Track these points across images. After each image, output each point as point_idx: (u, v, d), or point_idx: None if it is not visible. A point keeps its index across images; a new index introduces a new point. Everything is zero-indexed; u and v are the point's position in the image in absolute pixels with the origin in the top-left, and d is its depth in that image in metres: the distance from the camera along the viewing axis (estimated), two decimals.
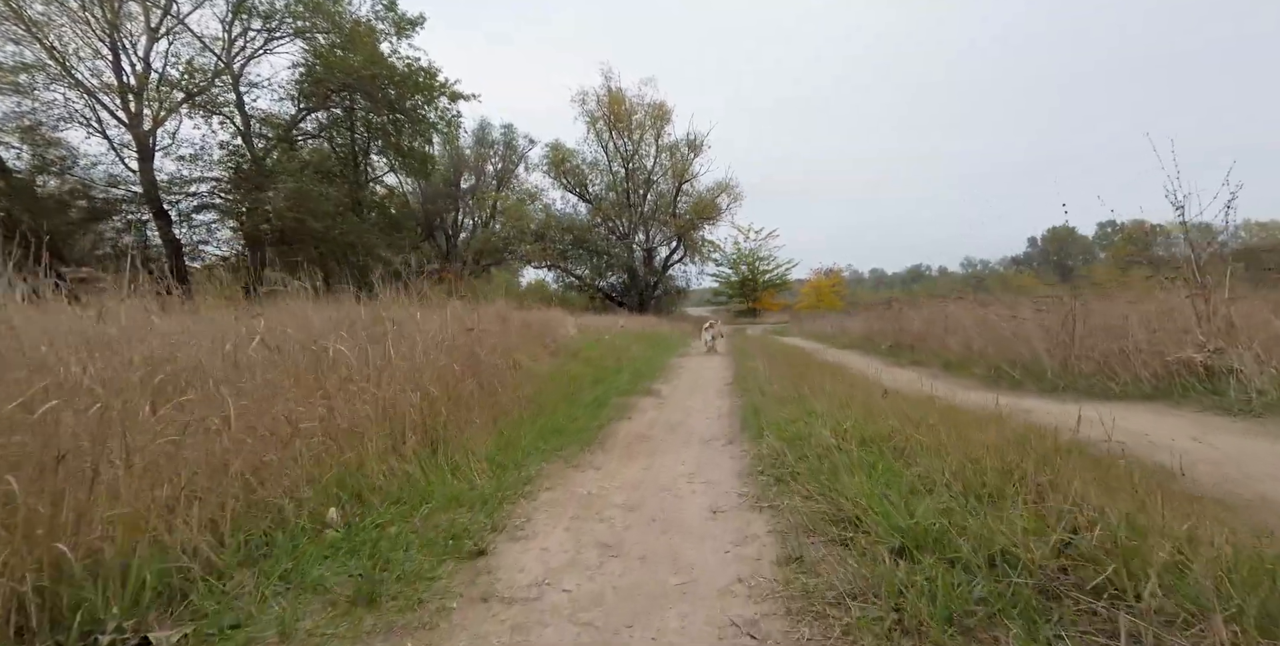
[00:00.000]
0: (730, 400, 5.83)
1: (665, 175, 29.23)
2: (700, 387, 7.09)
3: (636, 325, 16.48)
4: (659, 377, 8.02)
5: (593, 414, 5.03)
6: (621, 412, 5.26)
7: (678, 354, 11.95)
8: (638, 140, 28.88)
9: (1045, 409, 4.34)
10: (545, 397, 5.27)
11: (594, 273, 28.63)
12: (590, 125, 28.59)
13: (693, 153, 28.27)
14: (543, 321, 9.49)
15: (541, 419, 4.50)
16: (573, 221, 27.97)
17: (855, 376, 6.63)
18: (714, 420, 4.90)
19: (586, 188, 29.58)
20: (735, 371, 8.34)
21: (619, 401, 5.75)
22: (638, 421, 4.97)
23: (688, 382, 7.64)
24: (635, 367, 8.60)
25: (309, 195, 19.41)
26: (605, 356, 9.13)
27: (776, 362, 8.76)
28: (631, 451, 3.92)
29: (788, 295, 46.49)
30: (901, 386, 5.17)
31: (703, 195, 28.69)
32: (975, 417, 3.64)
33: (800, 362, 8.83)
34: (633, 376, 7.66)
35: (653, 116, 28.34)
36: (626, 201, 29.03)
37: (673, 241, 29.44)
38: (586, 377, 6.98)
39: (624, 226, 29.07)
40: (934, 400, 4.38)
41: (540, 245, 25.91)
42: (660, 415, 5.25)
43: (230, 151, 20.43)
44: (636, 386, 6.86)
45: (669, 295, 30.67)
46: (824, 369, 7.44)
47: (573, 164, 28.71)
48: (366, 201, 25.64)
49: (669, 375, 8.40)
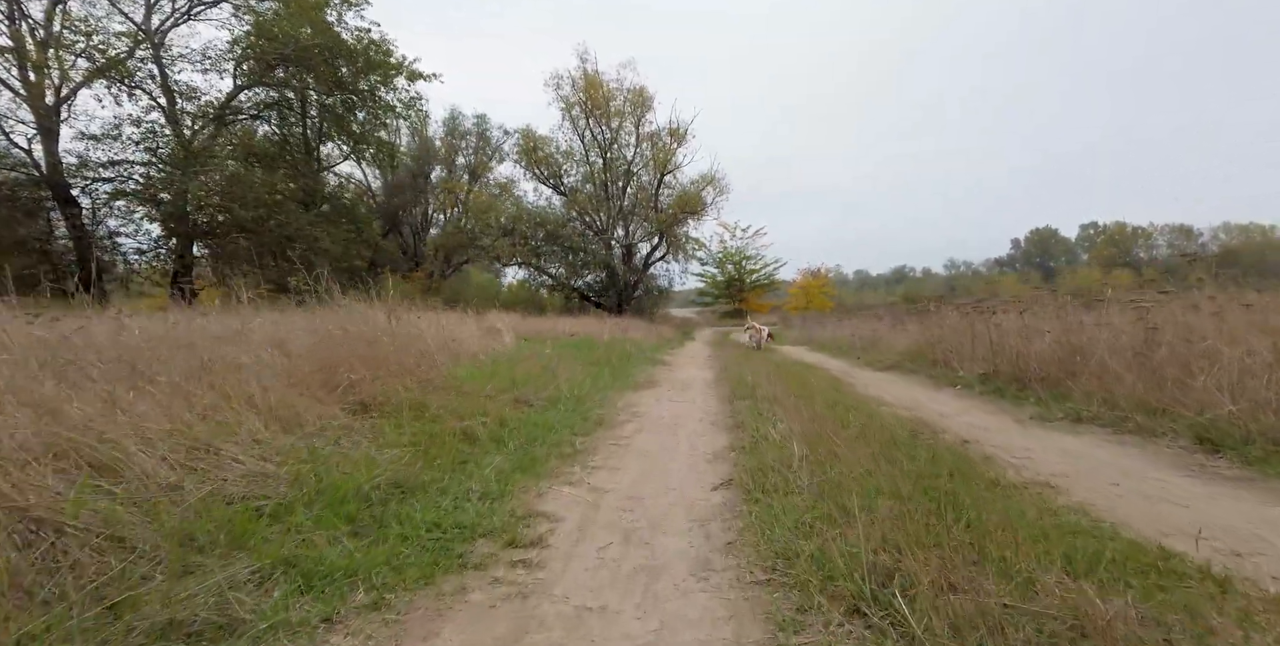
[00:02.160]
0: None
1: (646, 166, 27.16)
2: (647, 530, 2.82)
3: (603, 330, 14.29)
4: (563, 469, 3.78)
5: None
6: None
7: (642, 379, 8.17)
8: (616, 128, 26.78)
9: None
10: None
11: (569, 271, 26.45)
12: (565, 111, 26.45)
13: (675, 142, 26.25)
14: (446, 336, 6.96)
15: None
16: (546, 215, 25.77)
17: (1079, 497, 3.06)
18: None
19: (561, 179, 27.39)
20: (736, 441, 4.44)
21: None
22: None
23: (618, 501, 3.21)
24: (536, 428, 4.52)
25: (237, 180, 17.01)
26: (497, 397, 5.10)
27: (811, 410, 5.07)
28: None
29: (774, 296, 44.78)
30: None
31: (686, 188, 26.69)
32: None
33: (862, 415, 4.99)
34: (502, 473, 3.48)
35: (633, 103, 26.27)
36: (605, 194, 26.90)
37: (654, 237, 27.38)
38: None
39: (602, 221, 26.94)
40: None
41: (509, 240, 23.64)
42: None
43: (149, 131, 17.88)
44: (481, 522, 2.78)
45: (651, 295, 28.59)
46: (949, 452, 3.82)
47: (546, 152, 26.50)
48: (319, 192, 23.18)
49: (594, 454, 4.17)
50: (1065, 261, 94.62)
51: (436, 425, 4.00)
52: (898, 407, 5.78)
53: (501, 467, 3.52)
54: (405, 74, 22.68)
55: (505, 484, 3.28)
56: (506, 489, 3.21)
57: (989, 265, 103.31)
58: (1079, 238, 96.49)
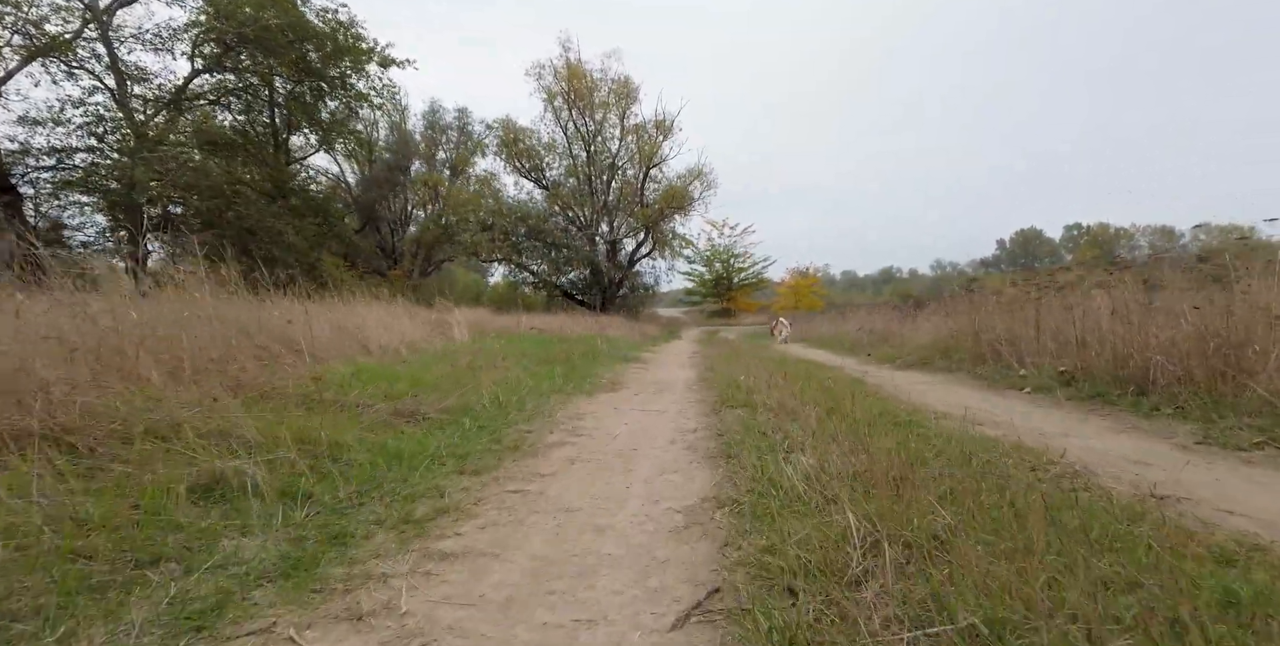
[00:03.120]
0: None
1: (631, 160, 26.26)
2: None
3: (579, 327, 13.27)
4: (368, 573, 1.82)
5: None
6: None
7: (605, 380, 6.71)
8: (600, 120, 25.86)
9: None
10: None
11: (552, 268, 25.45)
12: (547, 102, 25.47)
13: (661, 134, 25.40)
14: (371, 330, 5.94)
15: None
16: (527, 210, 24.75)
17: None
18: None
19: (543, 172, 26.40)
20: (726, 485, 2.66)
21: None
22: None
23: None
24: (393, 462, 2.85)
25: (192, 169, 15.83)
26: (366, 410, 3.63)
27: (845, 428, 3.28)
28: None
29: (762, 296, 44.12)
30: None
31: (673, 182, 25.83)
32: None
33: (928, 439, 3.19)
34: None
35: (617, 94, 25.37)
36: (588, 188, 25.96)
37: (640, 233, 26.48)
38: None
39: (585, 216, 25.98)
40: None
41: (488, 236, 22.60)
42: None
43: (96, 116, 16.61)
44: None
45: (637, 294, 27.67)
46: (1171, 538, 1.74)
47: (527, 144, 25.50)
48: (287, 184, 21.97)
49: (461, 519, 2.30)
50: (1050, 262, 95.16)
51: (149, 473, 2.20)
52: (967, 421, 3.60)
53: (184, 596, 1.59)
54: (378, 60, 21.61)
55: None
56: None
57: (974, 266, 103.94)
58: (1063, 238, 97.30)
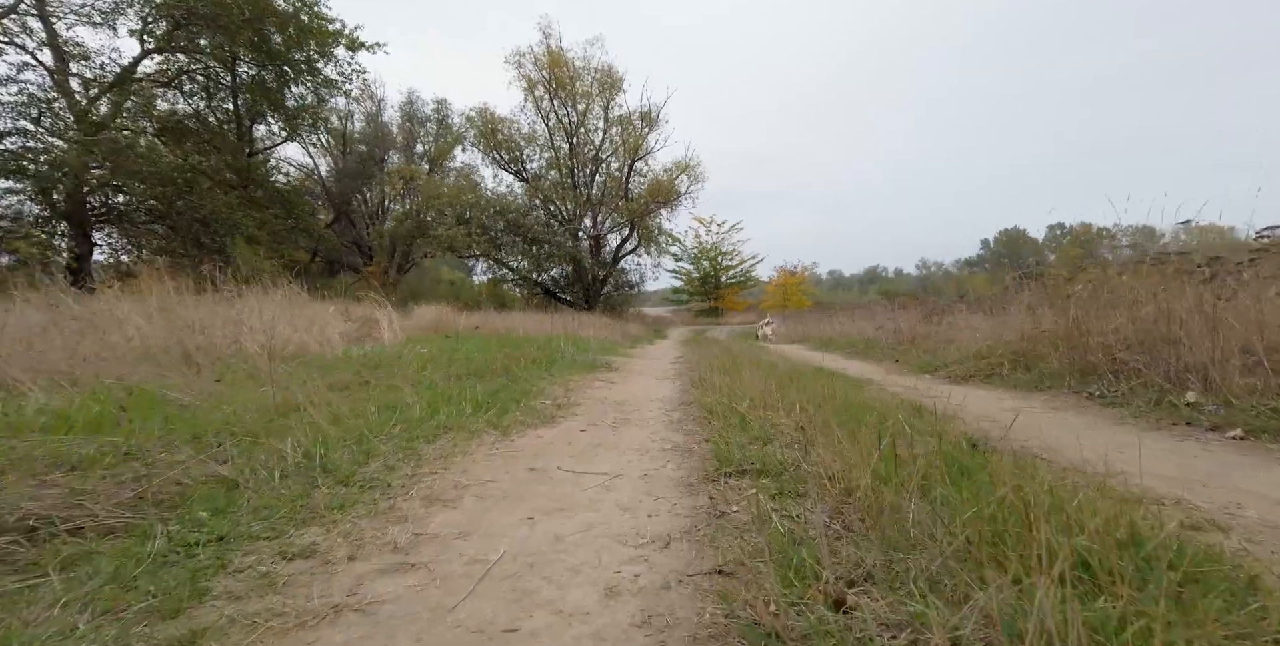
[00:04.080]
0: None
1: (616, 152, 25.24)
2: None
3: (552, 327, 12.12)
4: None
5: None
6: None
7: (545, 401, 4.84)
8: (584, 111, 24.81)
9: None
10: None
11: (532, 264, 24.35)
12: (528, 91, 24.35)
13: (647, 126, 24.39)
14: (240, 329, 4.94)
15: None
16: (506, 203, 23.63)
17: None
18: None
19: (523, 164, 25.28)
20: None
21: None
22: None
23: None
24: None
25: (135, 154, 14.53)
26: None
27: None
28: None
29: (750, 295, 43.38)
30: None
31: (659, 176, 24.84)
32: None
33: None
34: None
35: (601, 83, 24.34)
36: (571, 181, 24.90)
37: (625, 229, 25.47)
38: None
39: (568, 210, 24.92)
40: None
41: (464, 230, 21.45)
42: None
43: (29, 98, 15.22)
44: None
45: (621, 292, 26.67)
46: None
47: (506, 135, 24.36)
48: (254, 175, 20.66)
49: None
50: (1034, 262, 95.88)
51: None
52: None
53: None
54: (346, 43, 20.37)
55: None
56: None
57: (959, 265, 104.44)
58: (1046, 238, 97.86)
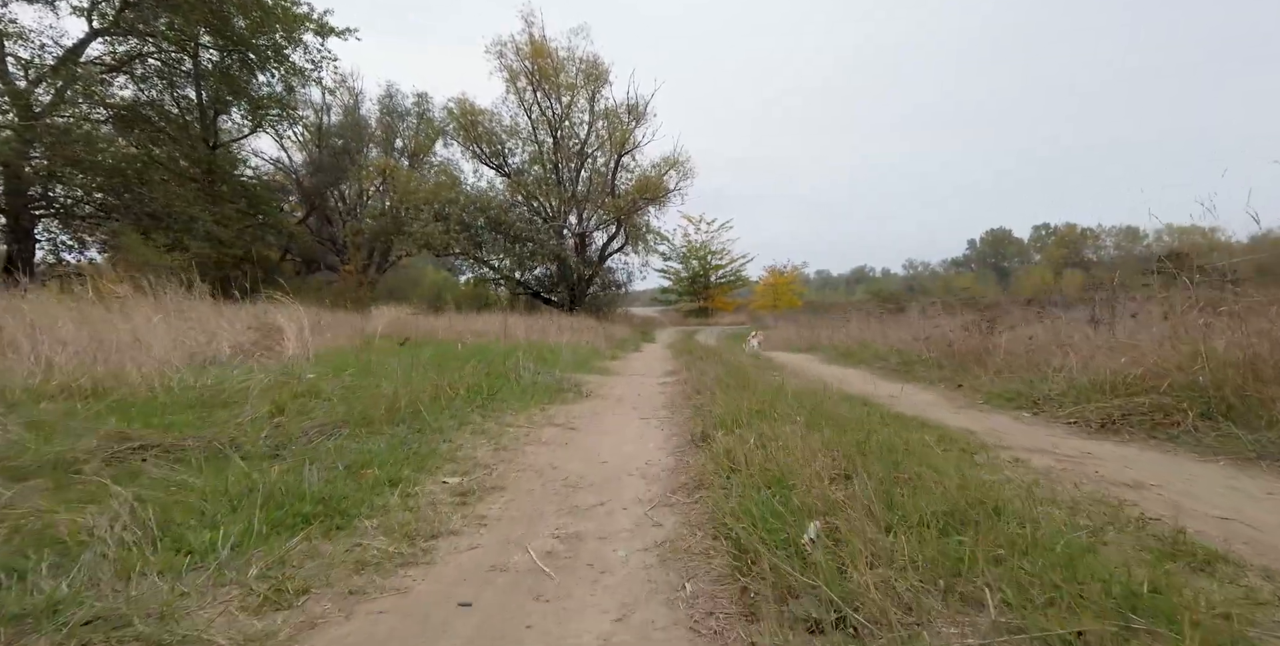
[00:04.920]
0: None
1: (602, 147, 24.29)
2: None
3: (522, 330, 10.95)
4: None
5: None
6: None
7: (399, 516, 2.50)
8: (568, 104, 23.83)
9: None
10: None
11: (514, 262, 23.32)
12: (510, 83, 23.33)
13: (634, 119, 23.49)
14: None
15: None
16: (487, 198, 22.59)
17: None
18: None
19: (505, 158, 24.24)
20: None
21: None
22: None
23: None
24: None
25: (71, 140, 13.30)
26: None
27: None
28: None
29: (739, 295, 42.67)
30: None
31: (646, 171, 23.96)
32: None
33: None
34: None
35: (586, 75, 23.37)
36: (555, 177, 23.90)
37: (611, 226, 24.53)
38: None
39: (552, 207, 23.93)
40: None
41: (442, 226, 20.37)
42: None
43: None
44: None
45: (608, 292, 25.72)
46: None
47: (487, 128, 23.32)
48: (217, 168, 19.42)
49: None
50: (1019, 262, 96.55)
51: None
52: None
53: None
54: (314, 28, 19.21)
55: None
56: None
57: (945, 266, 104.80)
58: (1031, 239, 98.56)
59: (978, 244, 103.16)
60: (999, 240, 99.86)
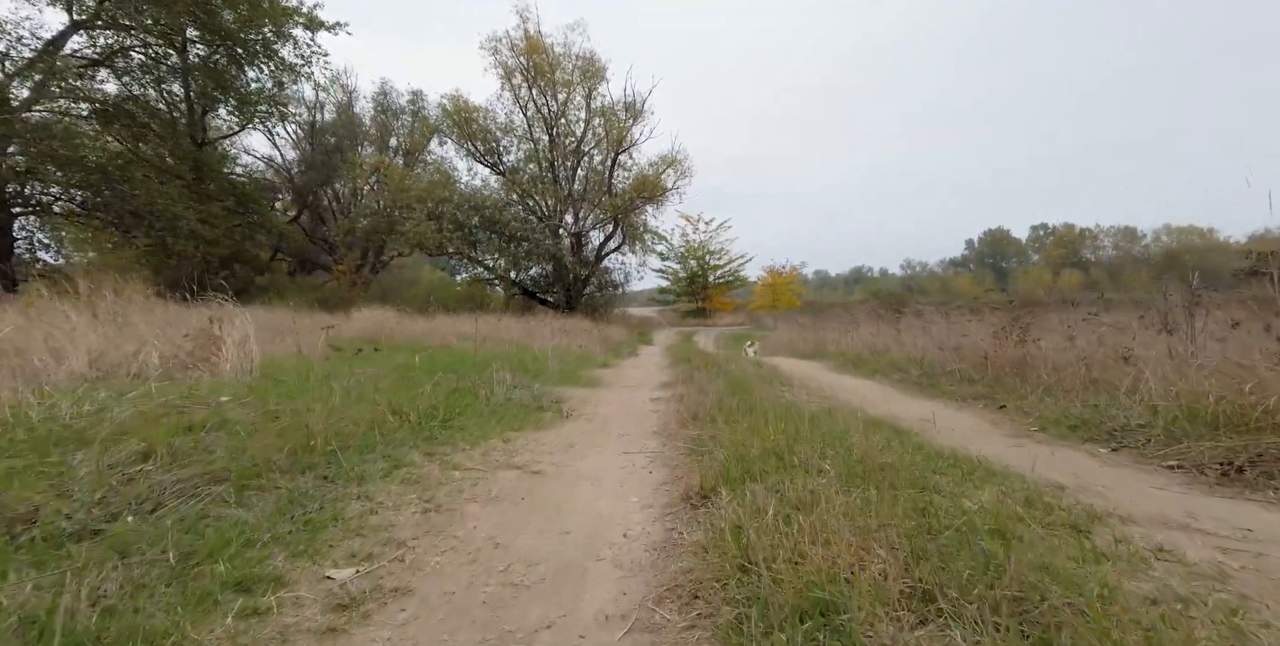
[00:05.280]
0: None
1: (599, 145, 23.89)
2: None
3: (513, 333, 10.34)
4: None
5: None
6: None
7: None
8: (564, 101, 23.42)
9: None
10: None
11: (509, 262, 22.91)
12: (504, 79, 22.90)
13: (631, 117, 23.07)
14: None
15: None
16: (481, 197, 22.17)
17: None
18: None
19: (500, 156, 23.81)
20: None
21: None
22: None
23: None
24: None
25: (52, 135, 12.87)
26: None
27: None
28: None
29: (738, 295, 42.30)
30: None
31: (644, 170, 23.55)
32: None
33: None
34: None
35: (582, 71, 22.96)
36: (551, 175, 23.49)
37: (608, 226, 24.13)
38: None
39: (548, 206, 23.52)
40: None
41: (435, 225, 19.96)
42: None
43: None
44: None
45: (605, 292, 25.32)
46: None
47: (481, 125, 22.89)
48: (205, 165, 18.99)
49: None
50: (1017, 262, 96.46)
51: None
52: None
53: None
54: (304, 21, 18.81)
55: None
56: None
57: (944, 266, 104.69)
58: (1029, 239, 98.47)
59: (976, 244, 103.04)
60: (997, 240, 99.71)
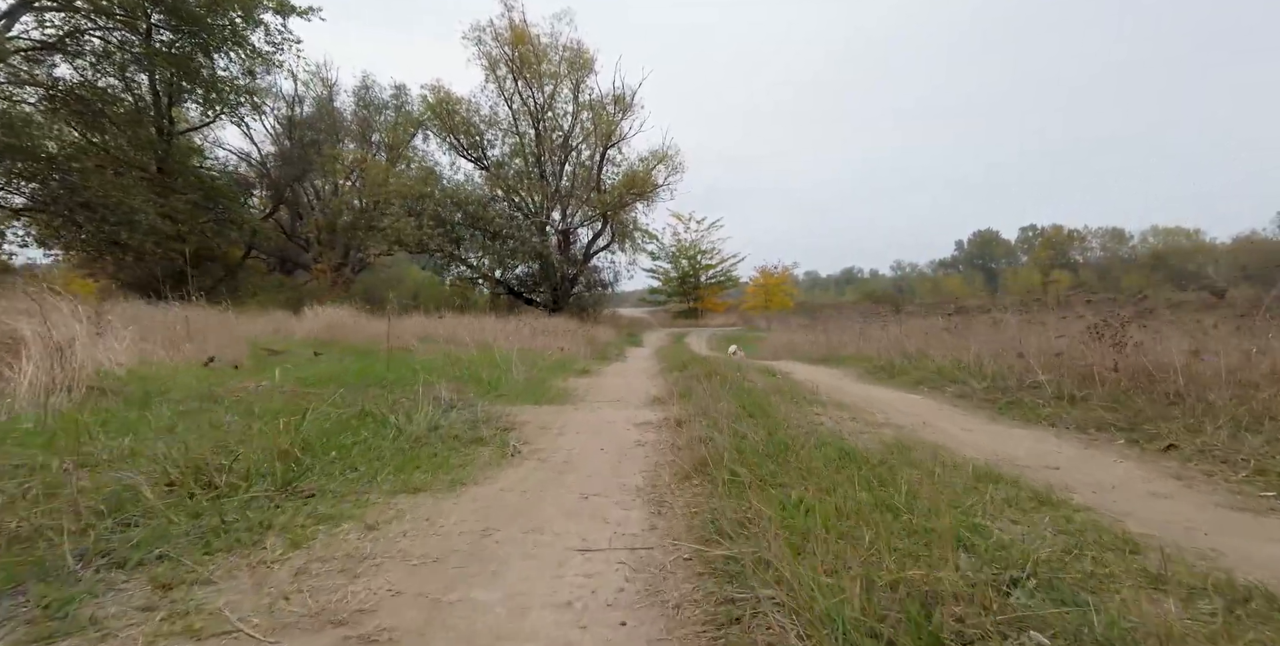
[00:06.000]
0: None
1: (587, 139, 23.08)
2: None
3: (485, 335, 9.46)
4: None
5: None
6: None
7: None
8: (551, 94, 22.60)
9: None
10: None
11: (494, 261, 22.02)
12: (489, 71, 22.04)
13: (620, 111, 22.30)
14: None
15: None
16: (465, 193, 21.28)
17: None
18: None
19: (484, 150, 22.94)
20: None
21: None
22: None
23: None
24: None
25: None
26: None
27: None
28: None
29: (729, 295, 41.65)
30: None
31: (634, 165, 22.79)
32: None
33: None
34: None
35: (570, 63, 22.15)
36: (538, 170, 22.64)
37: (597, 223, 23.33)
38: None
39: (534, 203, 22.67)
40: None
41: (415, 221, 19.04)
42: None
43: None
44: None
45: (594, 292, 24.49)
46: None
47: (464, 117, 22.01)
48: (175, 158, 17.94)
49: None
50: (1006, 263, 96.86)
51: None
52: None
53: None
54: (274, 6, 17.82)
55: None
56: None
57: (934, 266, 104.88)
58: (1018, 240, 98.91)
59: (965, 245, 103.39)
60: (986, 241, 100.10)
